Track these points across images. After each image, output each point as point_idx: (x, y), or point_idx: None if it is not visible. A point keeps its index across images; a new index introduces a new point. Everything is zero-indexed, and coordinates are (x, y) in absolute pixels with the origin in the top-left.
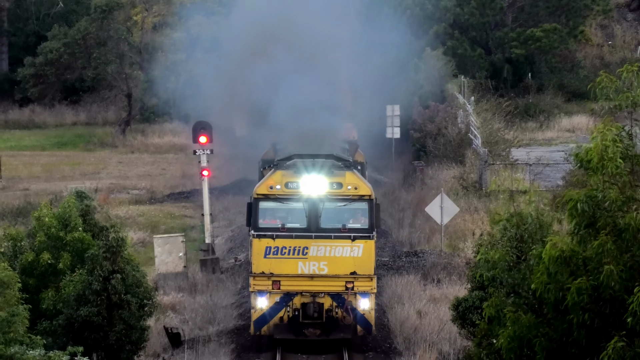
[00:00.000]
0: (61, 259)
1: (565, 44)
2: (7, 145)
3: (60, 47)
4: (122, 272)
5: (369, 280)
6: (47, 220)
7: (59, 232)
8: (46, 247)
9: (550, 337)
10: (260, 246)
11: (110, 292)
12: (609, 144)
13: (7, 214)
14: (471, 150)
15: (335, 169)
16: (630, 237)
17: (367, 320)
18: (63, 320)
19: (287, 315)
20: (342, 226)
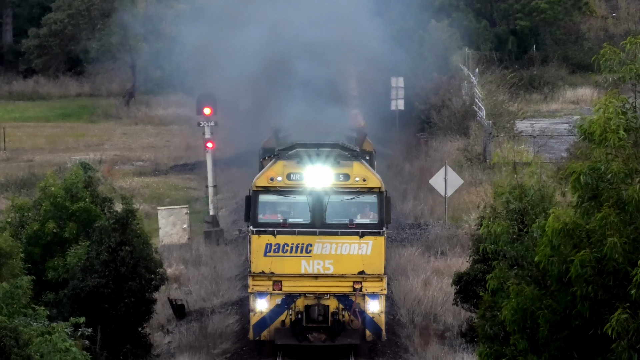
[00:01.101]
0: (67, 228)
1: (570, 15)
2: (11, 116)
3: (64, 18)
4: (131, 244)
5: (379, 280)
6: (53, 190)
7: (65, 202)
8: (52, 217)
9: (554, 309)
10: (260, 243)
11: (119, 264)
12: (612, 116)
13: (11, 185)
14: (475, 122)
15: (341, 159)
16: (634, 210)
17: (377, 324)
18: (69, 291)
19: (290, 319)
20: (350, 221)
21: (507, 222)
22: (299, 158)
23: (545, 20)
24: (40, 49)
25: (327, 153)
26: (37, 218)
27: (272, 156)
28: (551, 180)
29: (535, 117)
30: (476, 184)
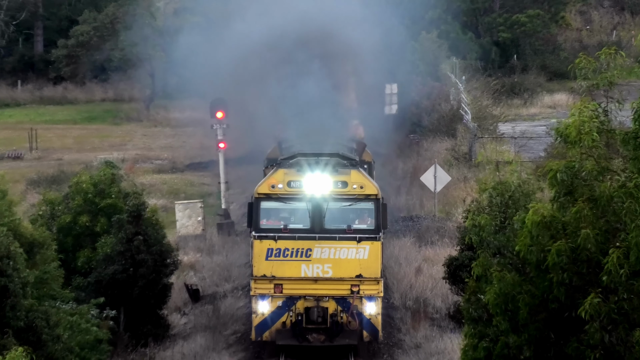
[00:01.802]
0: (98, 223)
1: (548, 28)
2: (42, 119)
3: (90, 31)
4: (144, 234)
5: (376, 283)
6: (84, 186)
7: (95, 198)
8: (83, 211)
9: (533, 294)
10: (262, 248)
11: (134, 252)
12: (586, 119)
13: (42, 181)
14: (462, 124)
15: (340, 168)
16: (605, 204)
17: (374, 325)
18: (93, 278)
19: (290, 320)
20: (348, 227)
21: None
22: (299, 166)
23: (525, 33)
24: (68, 58)
25: (326, 162)
26: (69, 211)
27: (274, 165)
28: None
29: (516, 120)
30: (462, 181)
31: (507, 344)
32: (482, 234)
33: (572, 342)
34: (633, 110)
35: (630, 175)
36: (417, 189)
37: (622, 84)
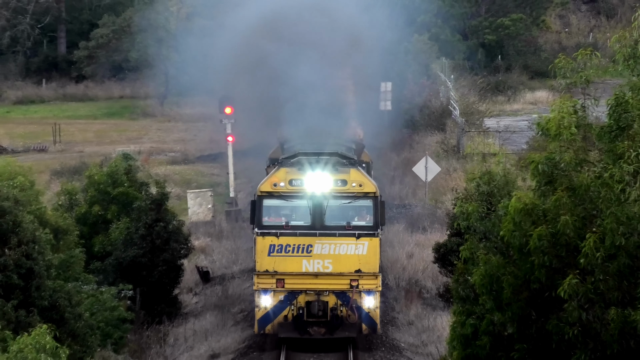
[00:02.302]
0: (109, 210)
1: (529, 31)
2: (65, 115)
3: (109, 33)
4: (165, 221)
5: (374, 278)
6: (97, 178)
7: (107, 188)
8: (97, 201)
9: (516, 275)
10: (264, 244)
11: (154, 237)
12: (565, 115)
13: (65, 172)
14: (451, 119)
15: (339, 166)
16: (582, 193)
17: (372, 318)
18: (113, 260)
19: (292, 314)
20: (347, 224)
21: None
22: (300, 165)
23: (509, 35)
24: (89, 58)
25: (326, 161)
26: (85, 202)
27: (276, 164)
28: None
29: (500, 116)
30: (451, 171)
31: (492, 321)
32: (469, 220)
33: (552, 319)
34: (608, 106)
35: (606, 167)
36: (409, 178)
37: (597, 82)
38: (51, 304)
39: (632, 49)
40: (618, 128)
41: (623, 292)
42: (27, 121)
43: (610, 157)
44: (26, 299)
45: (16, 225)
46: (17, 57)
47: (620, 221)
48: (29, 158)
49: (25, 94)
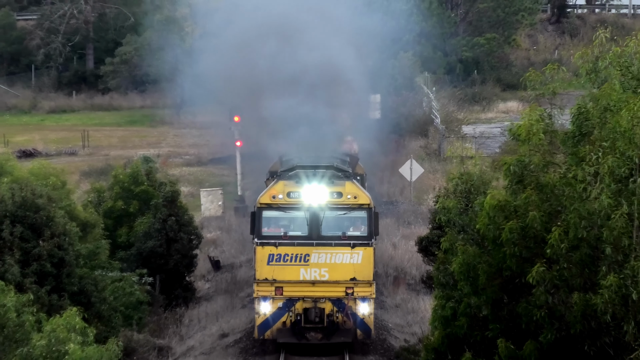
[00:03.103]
0: (132, 205)
1: (502, 48)
2: (93, 122)
3: (131, 51)
4: (177, 216)
5: (368, 285)
6: (121, 177)
7: (130, 186)
8: (121, 197)
9: (490, 264)
10: (264, 253)
11: (168, 230)
12: (533, 122)
13: (93, 173)
14: (433, 126)
15: (335, 179)
16: (549, 191)
17: (367, 324)
18: (134, 251)
19: (290, 320)
20: (342, 234)
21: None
22: (298, 178)
23: (484, 52)
24: (114, 73)
25: (322, 174)
26: (110, 198)
27: (275, 177)
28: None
29: (476, 123)
30: (433, 172)
31: (469, 304)
32: (449, 215)
33: (522, 303)
34: (571, 114)
35: (569, 168)
36: (396, 178)
37: (562, 94)
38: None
39: (593, 64)
40: (580, 134)
41: (585, 279)
42: (59, 128)
43: (573, 159)
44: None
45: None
46: (50, 71)
47: (582, 216)
48: (61, 161)
49: (58, 104)
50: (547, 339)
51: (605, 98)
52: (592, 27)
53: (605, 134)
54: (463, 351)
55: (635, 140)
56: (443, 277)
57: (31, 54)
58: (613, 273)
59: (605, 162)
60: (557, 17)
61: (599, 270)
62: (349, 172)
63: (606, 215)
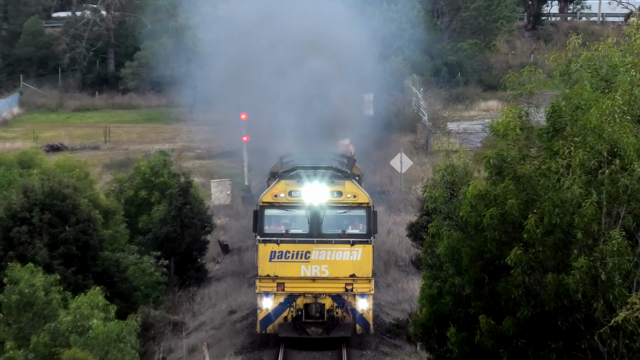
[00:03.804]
0: (153, 195)
1: (483, 53)
2: (114, 120)
3: (148, 55)
4: (190, 204)
5: (367, 282)
6: (143, 169)
7: (151, 177)
8: (142, 187)
9: (472, 247)
10: (266, 251)
11: (183, 217)
12: (511, 119)
13: (114, 166)
14: (420, 123)
15: (335, 179)
16: (525, 182)
17: (366, 319)
18: (151, 236)
19: (291, 315)
20: (342, 232)
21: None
22: (299, 178)
23: (467, 56)
24: (133, 75)
25: (323, 173)
26: (132, 187)
27: (276, 177)
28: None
29: (460, 120)
30: (421, 164)
31: (454, 283)
32: (436, 203)
33: (501, 282)
34: (546, 112)
35: (544, 161)
36: (387, 170)
37: (538, 94)
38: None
39: (565, 67)
40: (554, 130)
41: (558, 261)
42: (83, 125)
43: (547, 153)
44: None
45: (75, 208)
46: (75, 74)
47: (556, 204)
48: (85, 154)
49: (82, 103)
50: (524, 315)
51: (577, 97)
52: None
53: (577, 130)
54: (448, 326)
55: (603, 135)
56: (430, 259)
57: (58, 57)
58: (584, 256)
59: (576, 155)
60: (533, 24)
61: (570, 253)
62: (348, 172)
63: (577, 203)
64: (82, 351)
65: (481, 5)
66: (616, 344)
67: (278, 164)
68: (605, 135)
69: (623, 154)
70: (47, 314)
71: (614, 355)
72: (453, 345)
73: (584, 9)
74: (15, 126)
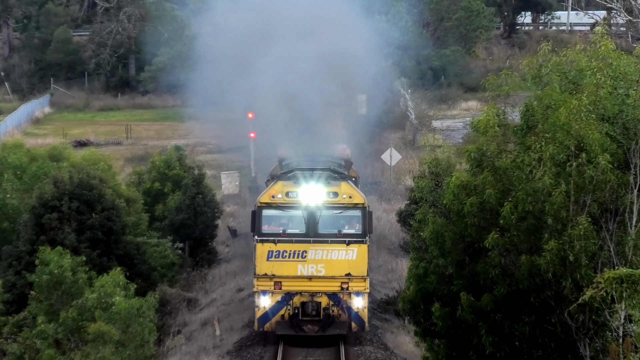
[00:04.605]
0: (166, 186)
1: (464, 58)
2: (134, 118)
3: (165, 60)
4: (202, 194)
5: (363, 280)
6: (157, 163)
7: (165, 170)
8: (157, 179)
9: (454, 231)
10: (263, 250)
11: (196, 206)
12: (490, 117)
13: (134, 159)
14: (408, 121)
15: (331, 180)
16: (502, 173)
17: (361, 317)
18: (167, 222)
19: (288, 313)
20: (338, 232)
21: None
22: (296, 179)
23: (449, 61)
24: (151, 78)
25: (319, 175)
26: (149, 179)
27: (274, 178)
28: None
29: (443, 119)
30: (409, 158)
31: (438, 264)
32: (422, 192)
33: (480, 263)
34: (520, 112)
35: (518, 154)
36: (379, 163)
37: (514, 95)
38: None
39: (537, 71)
40: (527, 127)
41: (531, 244)
42: (107, 123)
43: (521, 148)
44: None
45: (100, 197)
46: (100, 77)
47: (529, 193)
48: (108, 149)
49: (106, 103)
50: (500, 293)
51: (547, 98)
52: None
53: (547, 127)
54: (432, 302)
55: (571, 132)
56: (417, 243)
57: (84, 63)
58: (553, 239)
59: (547, 149)
60: (508, 33)
61: (542, 237)
62: (344, 173)
63: (548, 192)
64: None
65: (462, 16)
66: (583, 319)
67: (277, 167)
68: (573, 131)
69: (589, 148)
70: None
71: (581, 329)
72: (437, 319)
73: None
74: (46, 124)
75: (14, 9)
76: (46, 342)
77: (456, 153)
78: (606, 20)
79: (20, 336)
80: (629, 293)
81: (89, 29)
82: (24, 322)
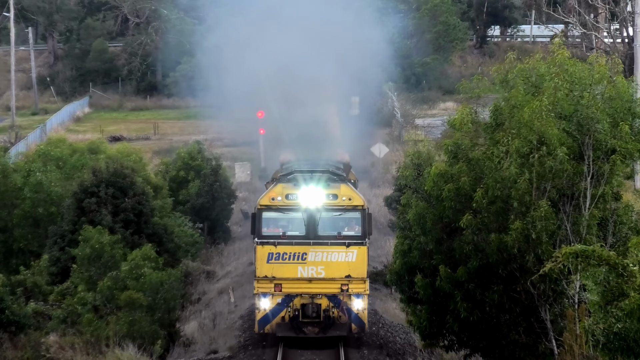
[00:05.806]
0: (190, 175)
1: (442, 66)
2: (160, 117)
3: (188, 67)
4: (219, 181)
5: (362, 282)
6: (182, 155)
7: (188, 161)
8: (181, 168)
9: (434, 213)
10: (264, 252)
11: (213, 192)
12: (465, 116)
13: (161, 152)
14: (395, 119)
15: (331, 182)
16: (475, 164)
17: (361, 319)
18: (189, 206)
19: (288, 315)
20: (338, 234)
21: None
22: (296, 181)
23: (430, 68)
24: (175, 83)
25: (319, 177)
26: (175, 169)
27: (274, 181)
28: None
29: (424, 117)
30: (395, 151)
31: (420, 241)
32: (406, 180)
33: (456, 240)
34: (490, 111)
35: (489, 148)
36: (369, 155)
37: (484, 97)
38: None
39: (504, 76)
40: (496, 124)
41: (499, 224)
42: (137, 121)
43: (491, 142)
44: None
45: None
46: (131, 82)
47: (497, 181)
48: (139, 143)
49: (137, 104)
50: (473, 265)
51: (513, 99)
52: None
53: (513, 124)
54: (415, 274)
55: (533, 128)
56: (402, 223)
57: (118, 70)
58: (518, 220)
59: (513, 143)
60: (480, 44)
61: (509, 218)
62: (343, 176)
63: (514, 180)
64: (136, 292)
65: (440, 29)
66: (544, 288)
67: (278, 171)
68: (535, 128)
69: (549, 142)
70: (110, 264)
71: (542, 296)
72: (419, 288)
73: (519, 32)
74: (85, 122)
75: (58, 24)
76: (86, 308)
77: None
78: (564, 32)
79: (63, 303)
80: (583, 266)
81: (122, 40)
82: (66, 291)
